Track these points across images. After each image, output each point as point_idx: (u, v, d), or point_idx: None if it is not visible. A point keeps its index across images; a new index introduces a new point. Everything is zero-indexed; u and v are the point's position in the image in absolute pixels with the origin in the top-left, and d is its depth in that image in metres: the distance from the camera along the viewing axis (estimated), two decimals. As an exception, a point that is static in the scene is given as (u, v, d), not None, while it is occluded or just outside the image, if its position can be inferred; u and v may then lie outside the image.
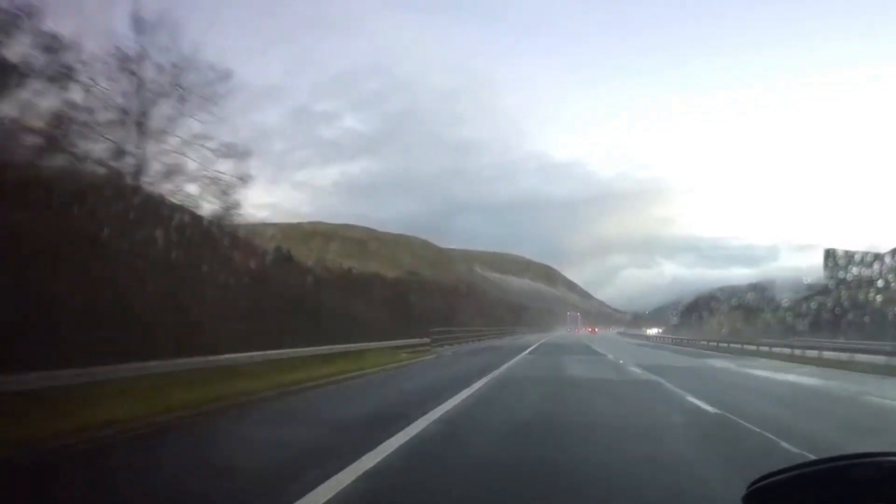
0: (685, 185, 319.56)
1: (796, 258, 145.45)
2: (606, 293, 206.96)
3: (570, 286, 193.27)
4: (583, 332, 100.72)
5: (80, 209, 11.57)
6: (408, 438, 6.80)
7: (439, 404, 9.60)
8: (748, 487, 1.57)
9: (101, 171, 13.29)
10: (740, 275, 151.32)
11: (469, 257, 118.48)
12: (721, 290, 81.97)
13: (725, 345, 38.42)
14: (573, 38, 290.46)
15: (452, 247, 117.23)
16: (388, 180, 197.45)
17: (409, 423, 7.62)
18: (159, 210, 14.31)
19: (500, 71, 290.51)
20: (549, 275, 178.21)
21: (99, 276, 10.82)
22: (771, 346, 31.30)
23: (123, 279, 11.51)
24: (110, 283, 11.02)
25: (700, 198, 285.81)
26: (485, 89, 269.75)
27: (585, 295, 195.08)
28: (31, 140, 11.84)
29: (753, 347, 32.79)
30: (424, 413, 8.57)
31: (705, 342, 41.91)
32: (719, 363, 23.92)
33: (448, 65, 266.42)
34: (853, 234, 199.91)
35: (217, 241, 16.47)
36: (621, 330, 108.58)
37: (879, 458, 1.43)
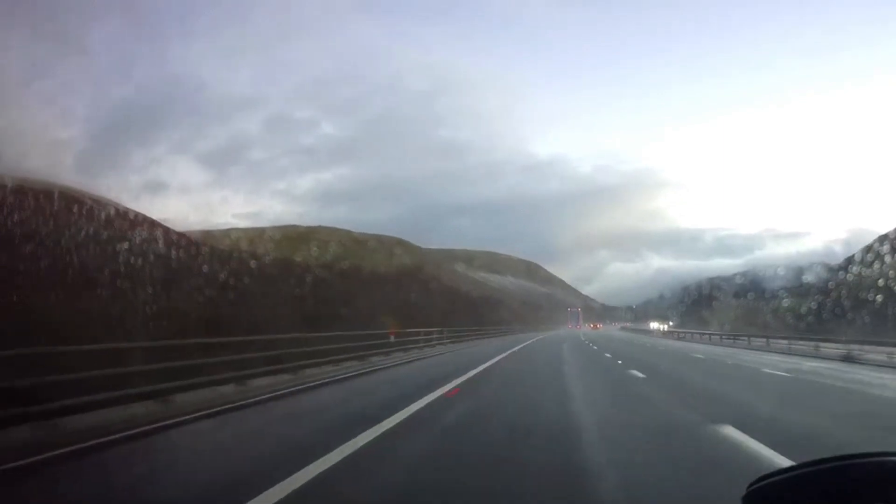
0: (668, 178, 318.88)
1: (783, 246, 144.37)
2: (593, 288, 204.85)
3: (557, 282, 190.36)
4: (585, 330, 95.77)
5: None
6: None
7: None
8: (748, 487, 1.53)
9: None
10: (727, 265, 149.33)
11: (451, 256, 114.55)
12: (709, 280, 79.57)
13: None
14: (549, 35, 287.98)
15: (436, 247, 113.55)
16: (369, 185, 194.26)
17: None
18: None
19: (476, 71, 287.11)
20: (535, 272, 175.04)
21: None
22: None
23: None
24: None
25: (683, 190, 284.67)
26: (463, 90, 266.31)
27: (573, 291, 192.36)
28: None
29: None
30: None
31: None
32: None
33: (424, 66, 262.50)
34: (837, 221, 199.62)
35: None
36: (625, 325, 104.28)
37: (881, 458, 1.42)
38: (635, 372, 16.22)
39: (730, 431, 6.98)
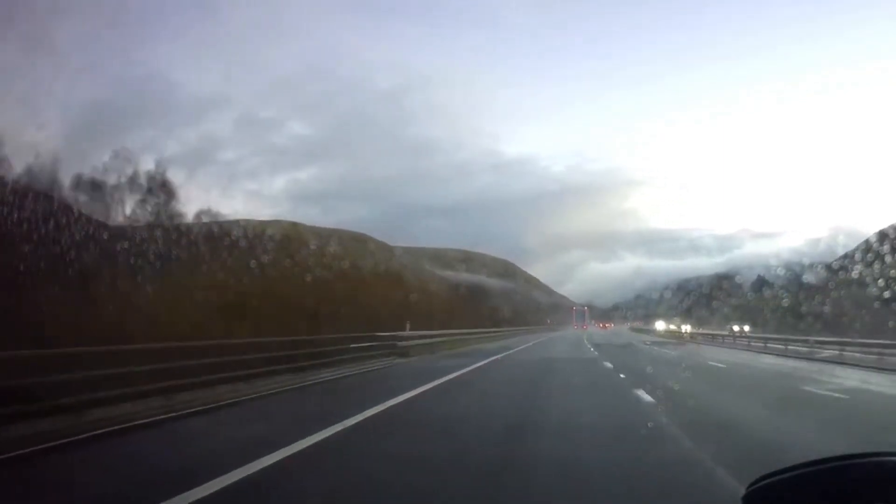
0: (641, 178, 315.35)
1: (762, 245, 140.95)
2: (569, 288, 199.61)
3: (534, 282, 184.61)
4: (592, 329, 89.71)
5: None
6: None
7: None
8: (748, 487, 1.51)
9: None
10: (705, 265, 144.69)
11: (415, 253, 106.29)
12: (687, 280, 76.88)
13: None
14: (519, 33, 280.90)
15: (407, 245, 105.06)
16: (339, 184, 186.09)
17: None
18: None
19: (446, 69, 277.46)
20: (511, 271, 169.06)
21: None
22: None
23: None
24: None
25: (657, 189, 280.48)
26: (432, 88, 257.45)
27: (548, 290, 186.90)
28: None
29: None
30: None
31: None
32: None
33: (393, 64, 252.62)
34: (816, 219, 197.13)
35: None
36: (633, 324, 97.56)
37: (881, 458, 1.40)
38: None
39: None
